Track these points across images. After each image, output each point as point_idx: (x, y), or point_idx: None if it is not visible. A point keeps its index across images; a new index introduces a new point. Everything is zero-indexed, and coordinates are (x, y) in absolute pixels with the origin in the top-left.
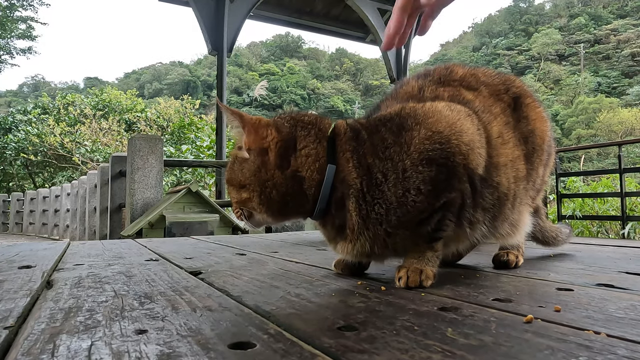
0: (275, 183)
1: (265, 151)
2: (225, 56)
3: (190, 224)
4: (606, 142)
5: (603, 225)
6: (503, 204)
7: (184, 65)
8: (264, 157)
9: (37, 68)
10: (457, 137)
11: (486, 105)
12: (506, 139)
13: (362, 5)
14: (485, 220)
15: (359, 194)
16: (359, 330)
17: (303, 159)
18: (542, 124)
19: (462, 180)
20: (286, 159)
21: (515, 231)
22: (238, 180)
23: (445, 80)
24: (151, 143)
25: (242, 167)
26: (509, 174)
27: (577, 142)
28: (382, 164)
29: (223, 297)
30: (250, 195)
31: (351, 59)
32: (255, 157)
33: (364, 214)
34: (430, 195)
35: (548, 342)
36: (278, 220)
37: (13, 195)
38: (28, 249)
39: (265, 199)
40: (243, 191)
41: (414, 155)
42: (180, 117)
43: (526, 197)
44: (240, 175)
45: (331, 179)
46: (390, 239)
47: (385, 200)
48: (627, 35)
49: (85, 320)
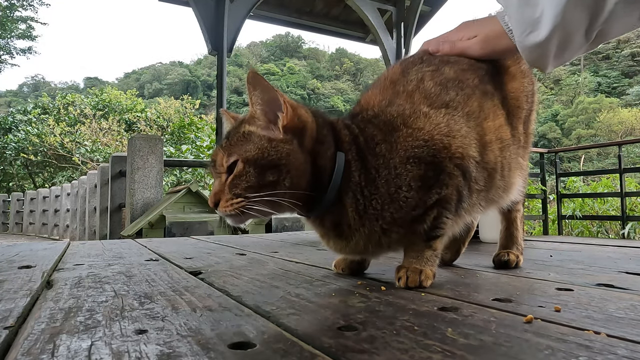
0: (304, 167)
1: (302, 132)
2: (225, 56)
3: (190, 224)
4: (606, 142)
5: (603, 225)
6: (493, 177)
7: (184, 65)
8: (301, 137)
9: (37, 68)
10: (438, 132)
11: (464, 79)
12: (487, 112)
13: (362, 5)
14: (480, 201)
15: (357, 188)
16: (359, 330)
17: (320, 145)
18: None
19: (453, 175)
20: (318, 143)
21: (505, 194)
22: (270, 160)
23: (427, 59)
24: (151, 143)
25: (276, 146)
26: (494, 148)
27: (577, 142)
28: (374, 159)
29: (223, 297)
30: (278, 178)
31: (351, 59)
32: (292, 137)
33: (360, 210)
34: (420, 191)
35: (548, 342)
36: (274, 213)
37: (13, 195)
38: (28, 249)
39: (295, 183)
40: (271, 173)
41: (401, 152)
42: (180, 117)
43: (514, 161)
44: (275, 155)
45: (342, 165)
46: (384, 237)
47: (380, 196)
48: (627, 35)
49: (85, 320)
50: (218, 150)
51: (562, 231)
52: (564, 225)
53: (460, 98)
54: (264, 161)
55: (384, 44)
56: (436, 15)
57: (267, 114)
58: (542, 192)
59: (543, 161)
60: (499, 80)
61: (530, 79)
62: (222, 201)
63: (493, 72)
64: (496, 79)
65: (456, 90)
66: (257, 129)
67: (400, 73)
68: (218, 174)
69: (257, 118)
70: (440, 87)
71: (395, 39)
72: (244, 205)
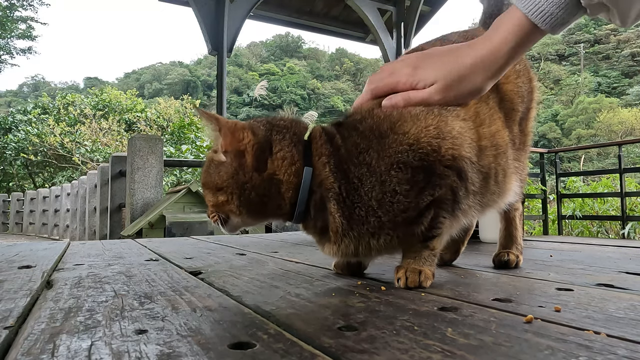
0: (253, 185)
1: (242, 154)
2: (225, 56)
3: (190, 224)
4: (606, 142)
5: (603, 225)
6: (487, 182)
7: (184, 65)
8: (241, 159)
9: (37, 68)
10: (426, 134)
11: None
12: (482, 118)
13: (362, 5)
14: (476, 205)
15: (339, 198)
16: (359, 330)
17: (279, 162)
18: (509, 84)
19: (445, 176)
20: (263, 162)
21: (500, 199)
22: (214, 183)
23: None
24: (151, 143)
25: (218, 170)
26: (489, 155)
27: (577, 142)
28: (357, 169)
29: (223, 297)
30: (227, 198)
31: (351, 59)
32: (232, 159)
33: (346, 215)
34: (409, 195)
35: (548, 342)
36: (256, 222)
37: (13, 195)
38: (28, 249)
39: (245, 201)
40: (220, 194)
41: (386, 159)
42: (180, 117)
43: (510, 167)
44: (217, 178)
45: (308, 181)
46: (374, 240)
47: (364, 204)
48: (627, 35)
49: (85, 320)
50: None
51: (562, 231)
52: (564, 225)
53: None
54: (212, 184)
55: (384, 44)
56: (436, 15)
57: (217, 139)
58: (542, 192)
59: (543, 161)
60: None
61: (526, 77)
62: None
63: None
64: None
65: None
66: (213, 155)
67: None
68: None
69: (214, 145)
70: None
71: (395, 39)
72: (219, 218)
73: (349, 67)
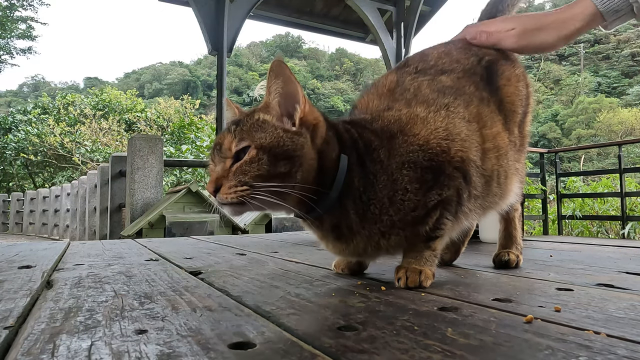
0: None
1: (315, 129)
2: (225, 56)
3: (190, 224)
4: (606, 142)
5: (603, 225)
6: (490, 184)
7: (184, 65)
8: (313, 134)
9: (37, 68)
10: (435, 136)
11: (460, 87)
12: (485, 120)
13: (362, 5)
14: (477, 207)
15: (357, 193)
16: (359, 330)
17: (327, 146)
18: (511, 87)
19: (453, 177)
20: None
21: (502, 201)
22: (285, 150)
23: (422, 69)
24: (151, 143)
25: (292, 137)
26: (491, 157)
27: (577, 142)
28: (372, 165)
29: (223, 297)
30: (290, 170)
31: (351, 59)
32: (306, 130)
33: (360, 213)
34: (418, 193)
35: (548, 342)
36: (275, 207)
37: (13, 195)
38: (28, 249)
39: (304, 177)
40: (283, 164)
41: (397, 158)
42: (180, 117)
43: (511, 168)
44: (290, 145)
45: (345, 167)
46: (383, 239)
47: (379, 201)
48: (627, 35)
49: (85, 320)
50: (226, 134)
51: (562, 231)
52: (564, 225)
53: (458, 103)
54: (279, 150)
55: (384, 44)
56: (436, 15)
57: (282, 106)
58: (542, 192)
59: (543, 161)
60: (494, 86)
61: (525, 83)
62: (224, 187)
63: (488, 77)
64: (491, 85)
65: (454, 96)
66: (272, 119)
67: (397, 81)
68: (223, 158)
69: (272, 108)
70: (437, 93)
71: (395, 39)
72: (248, 194)
73: (349, 67)
